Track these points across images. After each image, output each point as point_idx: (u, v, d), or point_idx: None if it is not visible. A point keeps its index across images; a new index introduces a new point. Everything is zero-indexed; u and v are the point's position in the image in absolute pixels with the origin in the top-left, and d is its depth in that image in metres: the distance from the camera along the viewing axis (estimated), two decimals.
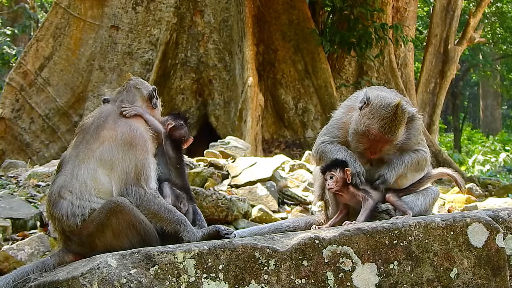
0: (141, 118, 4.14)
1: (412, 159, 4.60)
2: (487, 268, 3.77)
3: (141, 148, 3.95)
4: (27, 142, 14.94)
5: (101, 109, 4.19)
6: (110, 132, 3.97)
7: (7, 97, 15.00)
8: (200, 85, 14.83)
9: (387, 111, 4.38)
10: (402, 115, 4.41)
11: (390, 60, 16.73)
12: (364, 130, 4.43)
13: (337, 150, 4.60)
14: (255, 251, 3.57)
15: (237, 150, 10.78)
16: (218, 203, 7.84)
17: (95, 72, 14.91)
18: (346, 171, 4.42)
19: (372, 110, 4.43)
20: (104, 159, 3.89)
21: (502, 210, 4.00)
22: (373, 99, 4.46)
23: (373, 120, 4.40)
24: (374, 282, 3.66)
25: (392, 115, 4.37)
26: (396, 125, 4.39)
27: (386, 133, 4.39)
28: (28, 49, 15.28)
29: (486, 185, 15.30)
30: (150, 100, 4.27)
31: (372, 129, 4.40)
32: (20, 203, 7.65)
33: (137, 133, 4.00)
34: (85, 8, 15.06)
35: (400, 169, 4.55)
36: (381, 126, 4.38)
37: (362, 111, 4.48)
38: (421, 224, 3.77)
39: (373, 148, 4.48)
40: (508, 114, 45.22)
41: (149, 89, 4.30)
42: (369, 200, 4.39)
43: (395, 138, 4.45)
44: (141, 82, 4.35)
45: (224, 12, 14.85)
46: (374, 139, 4.43)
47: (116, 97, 4.23)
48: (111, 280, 3.37)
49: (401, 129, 4.45)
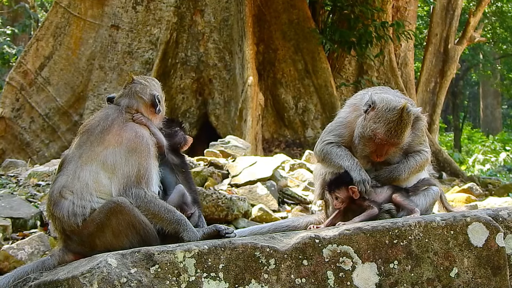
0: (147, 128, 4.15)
1: (417, 162, 4.62)
2: (487, 267, 3.77)
3: (145, 154, 3.97)
4: (27, 142, 14.95)
5: (106, 110, 4.16)
6: (115, 137, 3.97)
7: (7, 97, 15.01)
8: (200, 85, 14.83)
9: (393, 115, 4.39)
10: (408, 118, 4.42)
11: (390, 60, 16.73)
12: (370, 134, 4.44)
13: (342, 156, 4.57)
14: (255, 251, 3.57)
15: (237, 149, 10.79)
16: (218, 203, 7.84)
17: (95, 71, 14.92)
18: (350, 189, 4.41)
19: (377, 114, 4.43)
20: (107, 163, 3.90)
21: (502, 209, 4.00)
22: (378, 103, 4.46)
23: (379, 125, 4.40)
24: (374, 282, 3.66)
25: (398, 119, 4.38)
26: (402, 129, 4.40)
27: (392, 136, 4.40)
28: (28, 48, 15.28)
29: (486, 184, 15.31)
30: (153, 106, 4.22)
31: (379, 134, 4.41)
32: (20, 203, 7.66)
33: (142, 140, 4.01)
34: (85, 8, 15.06)
35: (404, 175, 4.56)
36: (387, 130, 4.39)
37: (368, 115, 4.48)
38: (421, 224, 3.77)
39: (379, 151, 4.49)
40: (508, 113, 45.22)
41: (153, 94, 4.24)
42: (374, 209, 4.38)
43: (401, 141, 4.46)
44: (144, 87, 4.26)
45: (224, 12, 14.85)
46: (381, 143, 4.43)
47: (119, 100, 4.20)
48: (111, 280, 3.37)
49: (407, 132, 4.46)
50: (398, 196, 4.45)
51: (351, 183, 4.42)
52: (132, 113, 4.12)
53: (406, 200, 4.45)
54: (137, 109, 4.16)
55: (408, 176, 4.58)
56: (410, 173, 4.59)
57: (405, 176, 4.57)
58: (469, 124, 41.47)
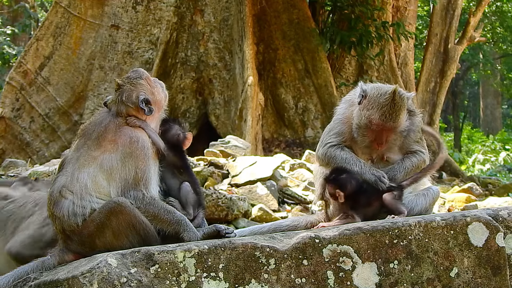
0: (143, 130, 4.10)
1: (413, 163, 4.63)
2: (487, 267, 3.77)
3: (142, 157, 3.95)
4: (27, 141, 14.95)
5: (100, 116, 4.14)
6: (111, 143, 3.96)
7: (7, 97, 15.01)
8: (200, 84, 14.83)
9: (385, 99, 4.41)
10: (401, 100, 4.43)
11: (390, 59, 16.74)
12: (366, 122, 4.45)
13: (348, 160, 4.56)
14: (255, 250, 3.57)
15: (237, 149, 10.79)
16: (218, 202, 7.84)
17: (95, 71, 14.92)
18: (337, 192, 4.40)
19: (370, 101, 4.45)
20: (104, 167, 3.90)
21: (502, 209, 3.99)
22: (370, 91, 4.50)
23: (373, 110, 4.42)
24: (374, 281, 3.66)
25: (390, 102, 4.39)
26: (396, 111, 4.41)
27: (388, 120, 4.41)
28: (28, 48, 15.29)
29: (486, 184, 15.31)
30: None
31: (373, 119, 4.41)
32: None
33: (138, 144, 3.98)
34: (85, 7, 15.07)
35: (399, 175, 4.56)
36: (381, 114, 4.40)
37: (361, 104, 4.50)
38: (421, 224, 3.77)
39: (378, 138, 4.47)
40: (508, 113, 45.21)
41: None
42: (355, 219, 4.37)
43: (398, 124, 4.46)
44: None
45: (224, 11, 14.85)
46: (377, 129, 4.43)
47: (110, 106, 4.16)
48: (111, 279, 3.37)
49: (402, 115, 4.46)
50: (388, 196, 4.43)
51: (342, 187, 4.39)
52: (125, 117, 4.09)
53: (396, 201, 4.42)
54: (127, 113, 4.11)
55: (403, 176, 4.57)
56: (406, 173, 4.59)
57: (400, 177, 4.56)
58: (469, 124, 41.47)
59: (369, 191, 4.43)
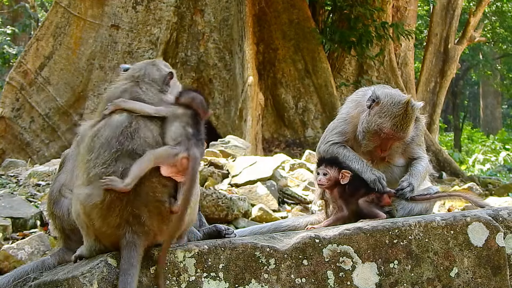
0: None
1: (425, 169, 4.66)
2: (487, 267, 3.77)
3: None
4: (27, 141, 14.95)
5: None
6: None
7: (7, 96, 15.01)
8: (200, 84, 14.83)
9: (398, 109, 4.42)
10: (412, 112, 4.46)
11: (390, 59, 16.74)
12: (376, 129, 4.46)
13: (350, 158, 4.57)
14: (255, 250, 3.57)
15: (237, 149, 10.78)
16: (218, 202, 7.83)
17: (95, 71, 14.92)
18: (343, 173, 4.40)
19: (382, 108, 4.45)
20: None
21: (502, 209, 3.99)
22: (383, 98, 4.49)
23: (385, 119, 4.42)
24: (374, 281, 3.66)
25: (403, 113, 4.42)
26: (407, 122, 4.44)
27: (398, 130, 4.43)
28: (28, 48, 15.28)
29: (486, 184, 15.31)
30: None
31: (385, 128, 4.43)
32: (20, 202, 7.66)
33: None
34: (85, 7, 15.07)
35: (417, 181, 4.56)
36: (393, 124, 4.41)
37: (372, 110, 4.50)
38: (421, 223, 3.77)
39: (383, 146, 4.51)
40: (508, 113, 45.22)
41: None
42: (343, 212, 4.37)
43: (407, 135, 4.50)
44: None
45: (224, 11, 14.85)
46: (386, 137, 4.46)
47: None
48: (111, 279, 3.36)
49: (412, 126, 4.51)
50: (362, 202, 4.38)
51: (343, 167, 4.40)
52: None
53: (369, 207, 4.37)
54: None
55: (418, 184, 4.57)
56: (421, 181, 4.60)
57: (416, 185, 4.54)
58: (469, 124, 41.49)
59: (366, 186, 4.43)
